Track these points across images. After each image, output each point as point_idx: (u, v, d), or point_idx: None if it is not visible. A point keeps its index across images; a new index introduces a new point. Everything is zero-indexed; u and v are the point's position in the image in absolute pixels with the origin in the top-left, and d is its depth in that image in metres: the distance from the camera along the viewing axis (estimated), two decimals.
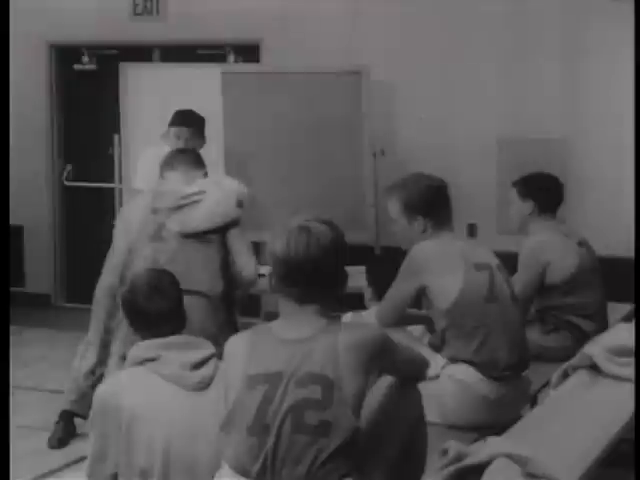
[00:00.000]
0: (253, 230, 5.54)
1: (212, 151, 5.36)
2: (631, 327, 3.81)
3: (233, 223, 4.32)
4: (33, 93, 7.47)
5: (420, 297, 3.66)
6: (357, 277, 3.98)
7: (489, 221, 6.36)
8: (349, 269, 2.66)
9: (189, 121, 5.06)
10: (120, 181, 6.15)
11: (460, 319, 3.55)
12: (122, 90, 6.14)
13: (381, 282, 3.88)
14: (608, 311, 4.62)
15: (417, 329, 3.92)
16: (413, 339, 3.74)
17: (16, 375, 5.38)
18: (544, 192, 4.62)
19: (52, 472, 4.60)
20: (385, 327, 3.34)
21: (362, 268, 4.14)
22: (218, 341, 3.12)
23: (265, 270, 3.06)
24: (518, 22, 6.32)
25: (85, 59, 7.36)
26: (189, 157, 4.46)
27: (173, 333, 3.07)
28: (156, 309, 3.08)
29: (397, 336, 3.26)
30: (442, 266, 3.57)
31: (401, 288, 3.65)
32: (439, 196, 3.72)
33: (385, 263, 3.97)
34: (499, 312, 3.59)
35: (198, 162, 4.46)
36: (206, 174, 4.45)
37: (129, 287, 3.18)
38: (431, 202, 3.69)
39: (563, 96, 6.26)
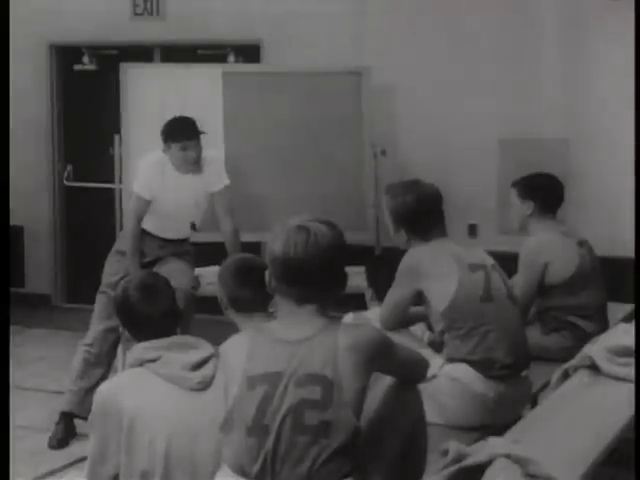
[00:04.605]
0: (252, 230, 5.56)
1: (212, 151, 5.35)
2: (631, 327, 3.81)
3: None
4: (33, 93, 7.47)
5: (419, 297, 3.68)
6: (358, 277, 3.98)
7: (490, 221, 6.37)
8: (349, 269, 2.65)
9: (189, 134, 5.01)
10: (120, 181, 6.14)
11: (457, 320, 3.56)
12: (122, 90, 6.12)
13: (381, 283, 3.89)
14: (608, 311, 4.62)
15: (419, 328, 3.93)
16: (415, 339, 3.74)
17: (16, 375, 5.38)
18: (544, 192, 4.62)
19: (52, 472, 4.60)
20: (389, 331, 3.35)
21: (363, 268, 4.15)
22: None
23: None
24: (518, 22, 6.32)
25: (85, 59, 7.36)
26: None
27: (168, 333, 3.07)
28: (152, 310, 3.07)
29: (399, 337, 3.28)
30: (436, 269, 3.59)
31: (398, 293, 3.68)
32: (427, 208, 3.72)
33: (385, 264, 3.98)
34: (496, 311, 3.61)
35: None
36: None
37: (123, 290, 3.15)
38: (415, 217, 3.70)
39: (563, 96, 6.26)
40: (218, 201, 5.17)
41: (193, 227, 5.23)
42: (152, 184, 5.06)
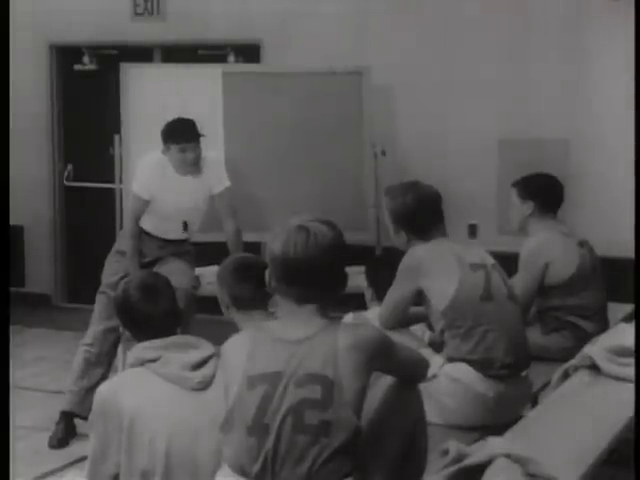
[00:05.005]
0: (253, 230, 5.56)
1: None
2: (631, 327, 3.81)
3: None
4: (33, 93, 7.47)
5: (419, 297, 3.69)
6: (358, 277, 3.98)
7: (490, 221, 6.36)
8: (350, 269, 2.65)
9: (189, 136, 5.02)
10: (120, 181, 6.14)
11: (457, 319, 3.56)
12: (122, 90, 6.12)
13: (381, 283, 3.89)
14: (608, 311, 4.62)
15: (419, 328, 3.93)
16: (415, 339, 3.75)
17: (16, 375, 5.37)
18: (544, 192, 4.62)
19: (52, 472, 4.60)
20: (388, 330, 3.35)
21: (363, 268, 4.15)
22: None
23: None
24: (518, 22, 6.32)
25: (85, 59, 7.36)
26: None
27: (168, 333, 3.07)
28: (153, 310, 3.07)
29: (399, 336, 3.28)
30: (437, 268, 3.60)
31: (398, 292, 3.68)
32: (427, 209, 3.73)
33: (386, 264, 3.98)
34: (496, 311, 3.61)
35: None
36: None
37: (123, 290, 3.15)
38: (415, 217, 3.71)
39: (563, 96, 6.26)
40: (219, 203, 5.18)
41: (185, 227, 5.22)
42: (151, 184, 5.07)
